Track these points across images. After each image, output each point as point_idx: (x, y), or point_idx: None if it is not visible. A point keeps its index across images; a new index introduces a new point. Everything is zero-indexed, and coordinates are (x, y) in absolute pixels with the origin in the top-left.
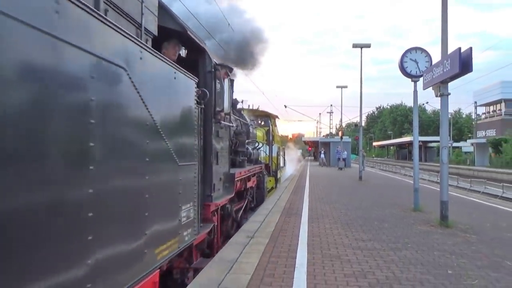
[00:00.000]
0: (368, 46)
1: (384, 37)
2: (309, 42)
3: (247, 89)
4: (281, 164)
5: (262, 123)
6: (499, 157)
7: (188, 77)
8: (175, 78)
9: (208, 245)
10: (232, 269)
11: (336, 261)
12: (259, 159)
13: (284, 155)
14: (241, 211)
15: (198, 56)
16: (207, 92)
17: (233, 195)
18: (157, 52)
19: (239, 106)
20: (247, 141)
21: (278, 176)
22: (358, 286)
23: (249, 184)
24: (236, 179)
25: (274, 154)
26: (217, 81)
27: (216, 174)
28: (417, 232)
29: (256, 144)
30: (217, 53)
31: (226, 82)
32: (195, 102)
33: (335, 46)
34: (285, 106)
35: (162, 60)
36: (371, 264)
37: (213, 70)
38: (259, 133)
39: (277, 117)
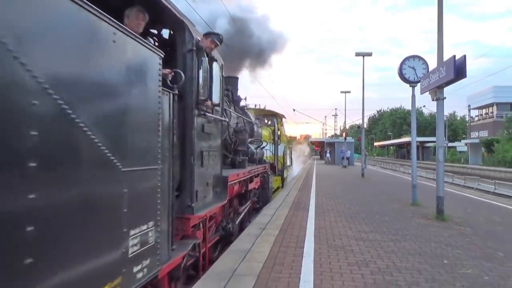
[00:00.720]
0: (369, 54)
1: (384, 46)
2: (315, 51)
3: (259, 94)
4: (288, 163)
5: (269, 122)
6: (491, 156)
7: (145, 46)
8: (114, 41)
9: (194, 266)
10: (246, 258)
11: (340, 251)
12: (264, 158)
13: (291, 154)
14: (242, 214)
15: (176, 31)
16: (182, 75)
17: (225, 202)
18: None
19: (242, 103)
20: (250, 139)
21: (285, 175)
22: (361, 274)
23: (252, 186)
24: (231, 183)
25: (281, 154)
26: (202, 63)
27: (200, 178)
28: (415, 225)
29: (261, 143)
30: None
31: (217, 67)
32: (162, 84)
33: (339, 55)
34: (294, 110)
35: (82, 6)
36: (372, 254)
37: (194, 48)
38: (265, 132)
39: (283, 116)
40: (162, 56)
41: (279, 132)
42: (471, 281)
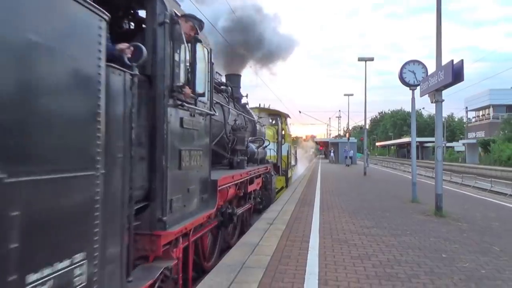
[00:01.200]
0: (371, 59)
1: (385, 52)
2: (320, 57)
3: (267, 97)
4: (293, 163)
5: (273, 121)
6: (488, 155)
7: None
8: None
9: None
10: (254, 251)
11: (344, 245)
12: (267, 158)
13: (296, 153)
14: (240, 218)
15: (145, 1)
16: (144, 50)
17: (214, 210)
18: None
19: (244, 101)
20: (251, 138)
21: (289, 175)
22: (363, 267)
23: (252, 187)
24: (223, 187)
25: (285, 153)
26: (178, 40)
27: (177, 184)
28: (415, 221)
29: (262, 143)
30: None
31: (202, 50)
32: (114, 61)
33: (343, 60)
34: (300, 112)
35: None
36: (374, 248)
37: (167, 21)
38: (270, 132)
39: (288, 116)
40: (107, 19)
41: (283, 131)
42: (469, 274)
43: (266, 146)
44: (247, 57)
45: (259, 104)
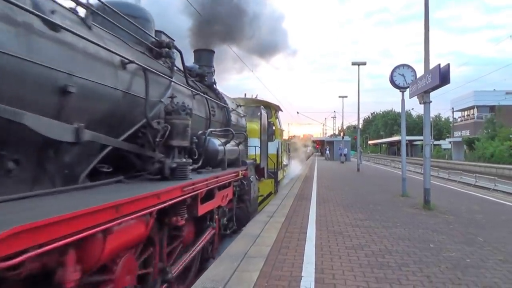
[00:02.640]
0: (364, 63)
1: (376, 57)
2: (316, 62)
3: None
4: (285, 162)
5: (259, 113)
6: (472, 153)
7: None
8: None
9: None
10: (256, 242)
11: (339, 236)
12: (241, 158)
13: (289, 151)
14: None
15: None
16: None
17: None
18: None
19: (221, 88)
20: (210, 130)
21: (280, 177)
22: (357, 256)
23: (209, 206)
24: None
25: (273, 151)
26: None
27: None
28: (405, 214)
29: (231, 137)
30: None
31: None
32: None
33: (337, 65)
34: (297, 112)
35: None
36: (367, 239)
37: None
38: (255, 126)
39: (279, 108)
40: None
41: (273, 126)
42: (455, 263)
43: (240, 143)
44: (224, 33)
45: (245, 94)
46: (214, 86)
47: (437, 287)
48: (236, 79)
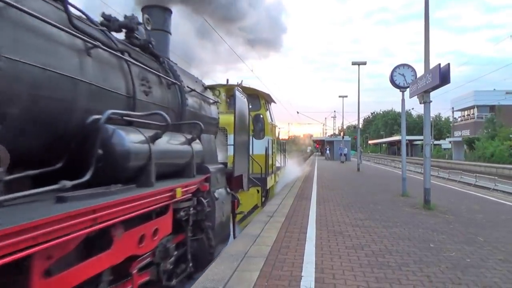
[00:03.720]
0: (364, 63)
1: (377, 56)
2: (316, 61)
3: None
4: (279, 164)
5: (250, 106)
6: (472, 152)
7: None
8: None
9: None
10: (256, 242)
11: (339, 236)
12: (200, 162)
13: (285, 151)
14: None
15: None
16: None
17: None
18: None
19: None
20: (109, 113)
21: (269, 184)
22: (357, 256)
23: (89, 271)
24: None
25: (260, 152)
26: None
27: None
28: (405, 213)
29: (162, 129)
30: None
31: None
32: None
33: (337, 64)
34: (298, 112)
35: None
36: (367, 238)
37: None
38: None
39: (272, 100)
40: None
41: (263, 120)
42: (455, 263)
43: (196, 138)
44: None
45: (227, 80)
46: (164, 57)
47: (437, 287)
48: (236, 79)
